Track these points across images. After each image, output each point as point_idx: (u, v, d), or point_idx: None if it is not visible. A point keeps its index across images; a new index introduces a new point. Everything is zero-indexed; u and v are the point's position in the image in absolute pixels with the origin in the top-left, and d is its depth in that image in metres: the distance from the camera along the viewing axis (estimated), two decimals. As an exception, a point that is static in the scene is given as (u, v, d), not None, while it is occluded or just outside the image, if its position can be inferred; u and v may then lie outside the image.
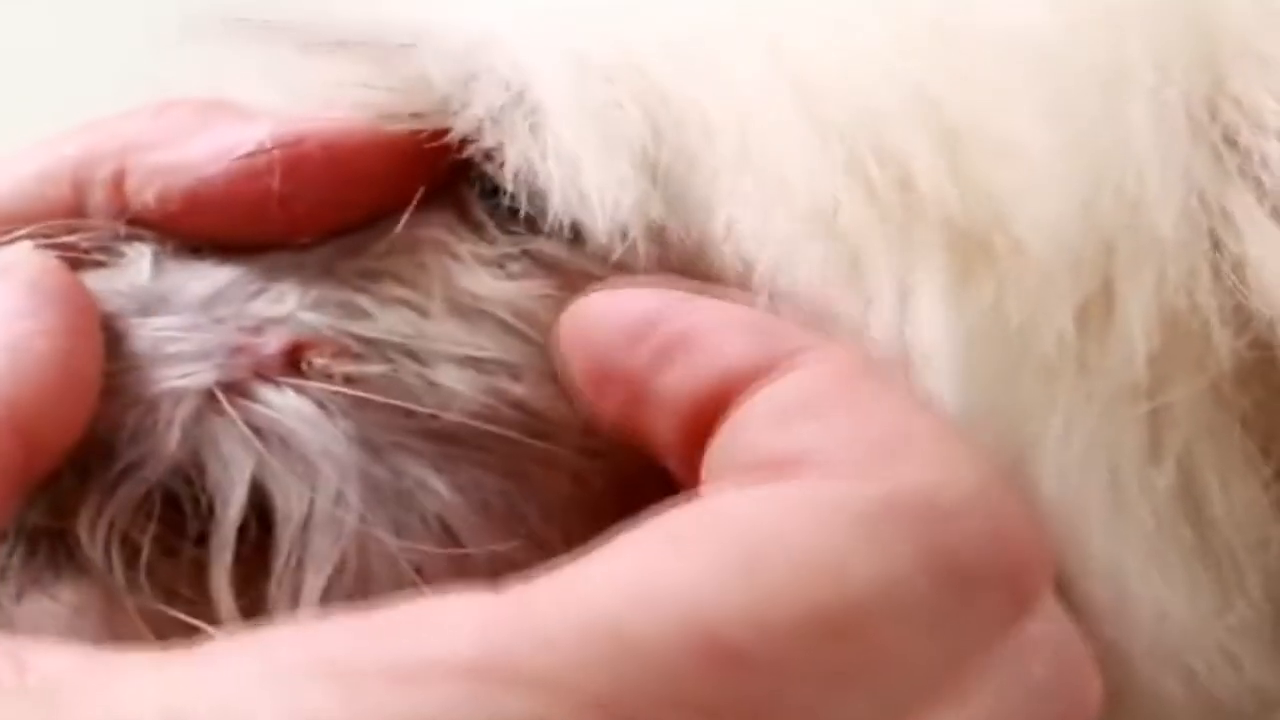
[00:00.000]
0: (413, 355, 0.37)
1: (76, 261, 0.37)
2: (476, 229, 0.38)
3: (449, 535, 0.36)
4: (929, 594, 0.29)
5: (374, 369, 0.36)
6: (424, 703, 0.27)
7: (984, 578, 0.30)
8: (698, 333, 0.33)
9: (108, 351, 0.36)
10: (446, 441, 0.36)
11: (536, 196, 0.36)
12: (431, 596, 0.29)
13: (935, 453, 0.30)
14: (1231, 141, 0.37)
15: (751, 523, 0.29)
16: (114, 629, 0.36)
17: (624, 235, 0.35)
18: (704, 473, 0.32)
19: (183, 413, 0.35)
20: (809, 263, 0.34)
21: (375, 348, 0.36)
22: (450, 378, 0.36)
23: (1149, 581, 0.35)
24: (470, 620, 0.28)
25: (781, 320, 0.34)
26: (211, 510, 0.35)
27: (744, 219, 0.35)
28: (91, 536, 0.35)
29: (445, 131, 0.37)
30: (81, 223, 0.37)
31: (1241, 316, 0.36)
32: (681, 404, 0.33)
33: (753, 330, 0.33)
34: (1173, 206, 0.36)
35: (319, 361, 0.36)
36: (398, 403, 0.36)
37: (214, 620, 0.35)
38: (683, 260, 0.36)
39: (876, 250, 0.35)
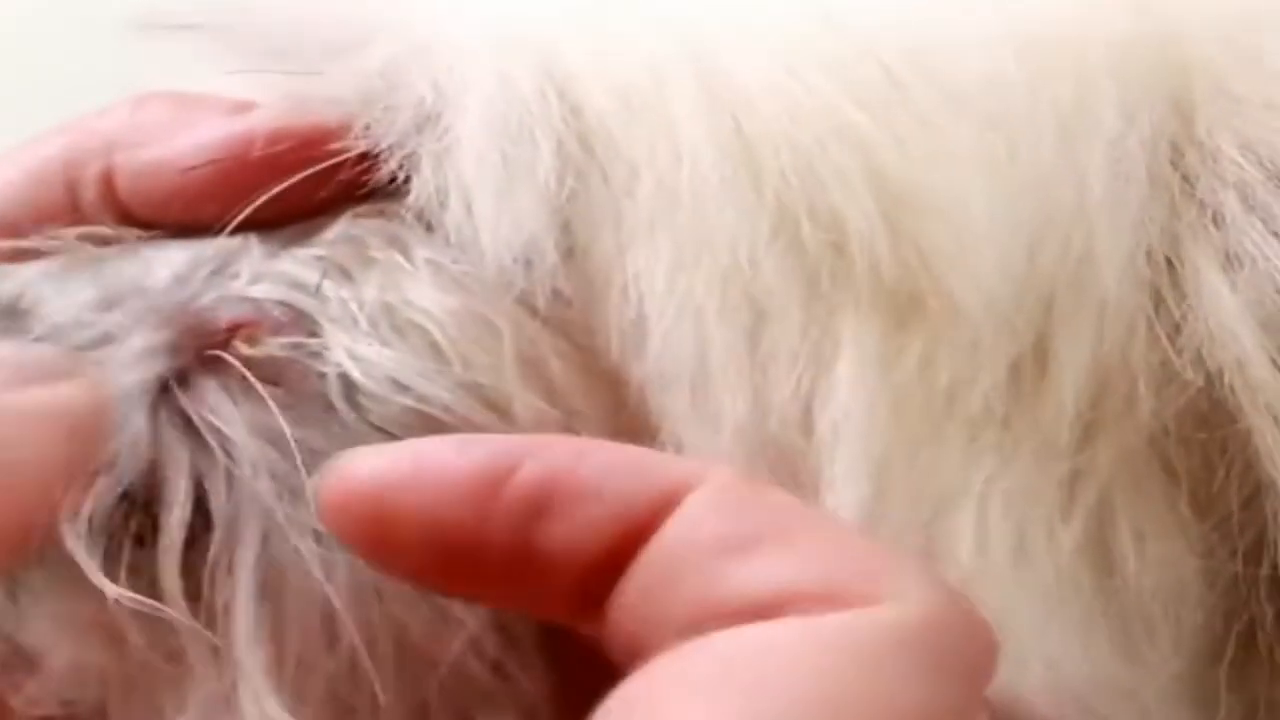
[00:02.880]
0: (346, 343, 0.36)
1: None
2: (429, 230, 0.37)
3: None
4: (963, 701, 0.30)
5: (306, 355, 0.36)
6: None
7: (985, 674, 0.30)
8: (565, 480, 0.30)
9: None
10: (357, 439, 0.36)
11: (442, 222, 0.36)
12: None
13: (900, 567, 0.30)
14: (1189, 192, 0.36)
15: (789, 668, 0.28)
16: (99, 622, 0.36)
17: (523, 272, 0.35)
18: (630, 624, 0.30)
19: (140, 409, 0.36)
20: (712, 331, 0.33)
21: (316, 329, 0.37)
22: (369, 375, 0.36)
23: (1043, 634, 0.35)
24: None
25: (643, 448, 0.32)
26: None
27: (650, 276, 0.34)
28: (73, 530, 0.35)
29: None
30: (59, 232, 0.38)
31: (1169, 372, 0.35)
32: (576, 564, 0.30)
33: (626, 466, 0.30)
34: (1119, 262, 0.35)
35: (246, 348, 0.36)
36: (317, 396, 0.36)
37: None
38: (578, 315, 0.35)
39: (792, 318, 0.34)
